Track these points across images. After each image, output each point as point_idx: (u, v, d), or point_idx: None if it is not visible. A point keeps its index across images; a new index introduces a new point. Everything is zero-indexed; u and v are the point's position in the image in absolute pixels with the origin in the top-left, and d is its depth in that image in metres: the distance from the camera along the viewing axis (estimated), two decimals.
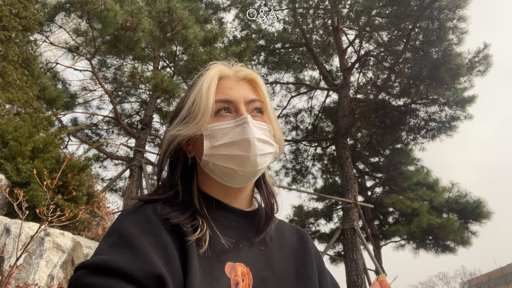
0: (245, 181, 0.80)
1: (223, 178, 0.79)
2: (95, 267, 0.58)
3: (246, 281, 0.73)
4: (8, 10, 5.38)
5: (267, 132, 0.80)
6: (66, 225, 3.72)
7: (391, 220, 12.32)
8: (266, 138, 0.78)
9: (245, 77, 0.85)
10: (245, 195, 0.85)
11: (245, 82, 0.85)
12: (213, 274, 0.69)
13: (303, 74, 13.18)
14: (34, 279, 2.84)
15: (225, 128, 0.77)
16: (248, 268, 0.75)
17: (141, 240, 0.63)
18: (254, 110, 0.82)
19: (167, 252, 0.64)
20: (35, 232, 2.07)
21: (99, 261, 0.58)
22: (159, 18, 7.33)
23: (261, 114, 0.82)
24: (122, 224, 0.68)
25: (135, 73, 7.67)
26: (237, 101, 0.80)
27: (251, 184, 0.85)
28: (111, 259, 0.58)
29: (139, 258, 0.59)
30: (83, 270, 0.58)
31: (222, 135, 0.77)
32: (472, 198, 10.30)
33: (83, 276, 0.58)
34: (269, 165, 0.94)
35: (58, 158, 3.85)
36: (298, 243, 0.89)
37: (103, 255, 0.61)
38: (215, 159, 0.77)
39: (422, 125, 11.29)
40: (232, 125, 0.77)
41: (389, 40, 10.09)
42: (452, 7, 8.57)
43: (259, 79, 0.86)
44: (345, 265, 8.82)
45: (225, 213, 0.80)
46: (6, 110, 5.15)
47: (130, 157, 9.44)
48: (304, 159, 13.48)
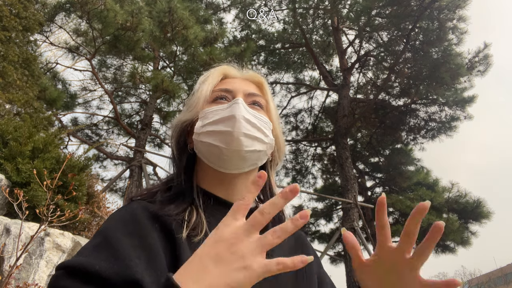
0: (233, 164, 0.78)
1: (210, 159, 0.79)
2: (73, 269, 0.58)
3: None
4: (8, 10, 5.38)
5: (261, 121, 0.80)
6: (66, 225, 3.72)
7: (391, 220, 12.31)
8: (257, 123, 0.78)
9: (249, 77, 0.87)
10: (241, 190, 0.84)
11: (250, 82, 0.87)
12: None
13: (303, 74, 13.19)
14: (34, 279, 2.84)
15: (218, 110, 0.79)
16: None
17: (124, 243, 0.62)
18: (253, 103, 0.83)
19: (153, 254, 0.63)
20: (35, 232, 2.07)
21: (77, 263, 0.58)
22: (160, 18, 7.33)
23: (260, 108, 0.83)
24: (108, 225, 0.68)
25: (135, 73, 7.68)
26: (236, 91, 0.82)
27: (248, 178, 0.83)
28: (89, 262, 0.58)
29: (117, 262, 0.58)
30: (61, 271, 0.59)
31: (213, 115, 0.79)
32: (472, 198, 10.31)
33: (60, 277, 0.58)
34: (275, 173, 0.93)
35: (58, 158, 3.85)
36: (295, 242, 0.88)
37: (83, 256, 0.61)
38: (202, 137, 0.78)
39: (422, 125, 11.29)
40: (224, 106, 0.79)
41: (389, 40, 10.09)
42: (452, 7, 8.57)
43: (264, 81, 0.88)
44: (345, 265, 8.83)
45: (224, 209, 0.80)
46: (6, 110, 5.15)
47: (130, 157, 9.45)
48: (304, 159, 13.48)
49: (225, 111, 0.78)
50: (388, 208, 11.69)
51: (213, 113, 0.79)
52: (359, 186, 11.87)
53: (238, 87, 0.83)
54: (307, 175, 13.43)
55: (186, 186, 0.80)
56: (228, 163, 0.79)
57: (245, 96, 0.82)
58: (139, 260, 0.60)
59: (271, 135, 0.82)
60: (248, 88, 0.84)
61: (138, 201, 0.75)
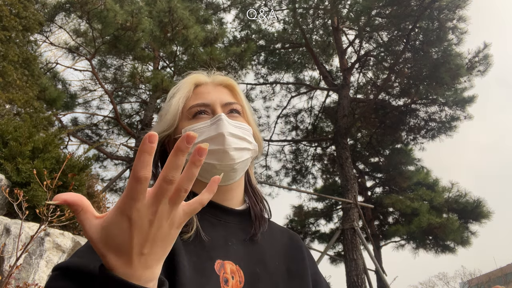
0: (226, 177, 0.81)
1: (202, 175, 0.81)
2: (68, 270, 0.60)
3: (237, 278, 0.74)
4: (8, 10, 5.38)
5: (243, 130, 0.83)
6: (66, 225, 3.72)
7: (391, 220, 12.32)
8: (241, 134, 0.81)
9: (221, 82, 0.89)
10: (235, 194, 0.86)
11: (223, 87, 0.89)
12: (204, 270, 0.70)
13: (303, 74, 13.19)
14: (34, 279, 2.84)
15: (202, 127, 0.80)
16: (238, 266, 0.75)
17: None
18: (231, 112, 0.85)
19: None
20: (35, 232, 2.06)
21: (71, 264, 0.60)
22: (160, 18, 7.33)
23: (238, 114, 0.86)
24: None
25: (135, 73, 7.67)
26: (213, 103, 0.84)
27: (240, 183, 0.87)
28: (83, 263, 0.60)
29: None
30: (57, 272, 0.61)
31: (199, 134, 0.79)
32: (472, 198, 10.31)
33: (56, 278, 0.60)
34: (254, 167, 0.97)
35: (58, 158, 3.85)
36: (289, 241, 0.90)
37: (79, 257, 0.63)
38: None
39: (422, 125, 11.29)
40: (208, 124, 0.81)
41: (389, 40, 10.09)
42: (452, 7, 8.57)
43: (235, 84, 0.91)
44: (345, 265, 8.82)
45: (215, 211, 0.81)
46: (6, 110, 5.15)
47: (130, 157, 9.45)
48: (304, 159, 13.48)
49: (210, 129, 0.80)
50: (388, 208, 11.69)
51: (197, 131, 0.79)
52: (359, 186, 11.87)
53: (214, 98, 0.85)
54: (307, 175, 13.43)
55: None
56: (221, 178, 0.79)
57: (222, 107, 0.84)
58: None
59: (253, 140, 0.85)
60: (222, 97, 0.86)
61: None
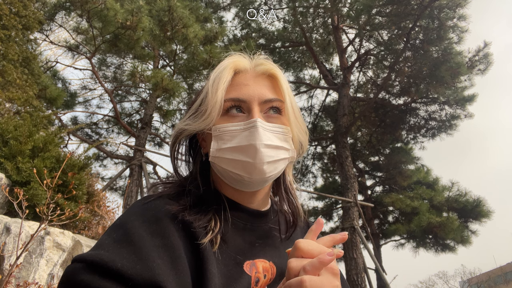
0: (255, 187, 0.76)
1: (231, 182, 0.77)
2: (93, 264, 0.55)
3: (269, 276, 0.72)
4: (8, 9, 5.38)
5: (280, 135, 0.74)
6: (66, 224, 3.72)
7: (391, 219, 12.33)
8: (277, 143, 0.73)
9: (264, 72, 0.78)
10: (261, 197, 0.81)
11: (264, 78, 0.78)
12: (232, 276, 0.68)
13: (303, 73, 13.19)
14: (34, 278, 2.84)
15: (234, 131, 0.72)
16: (271, 262, 0.74)
17: (146, 241, 0.60)
18: (270, 110, 0.76)
19: (175, 255, 0.62)
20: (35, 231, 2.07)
21: (98, 258, 0.55)
22: (160, 17, 7.32)
23: (278, 114, 0.76)
24: (130, 220, 0.65)
25: (135, 72, 7.66)
26: (250, 100, 0.74)
27: (267, 186, 0.81)
28: (111, 259, 0.55)
29: (140, 262, 0.56)
30: (81, 264, 0.56)
31: (230, 137, 0.72)
32: (472, 197, 10.31)
33: (80, 271, 0.55)
34: (292, 168, 0.89)
35: (58, 157, 3.85)
36: (302, 235, 0.88)
37: (104, 250, 0.58)
38: (221, 163, 0.74)
39: (422, 124, 11.29)
40: (241, 127, 0.72)
41: (389, 39, 10.08)
42: (452, 6, 8.56)
43: (280, 75, 0.79)
44: (345, 264, 8.83)
45: (240, 214, 0.77)
46: (6, 109, 5.15)
47: (130, 156, 9.44)
48: (304, 158, 13.47)
49: (242, 136, 0.72)
50: (388, 207, 11.70)
51: (229, 134, 0.73)
52: (359, 185, 11.86)
53: (252, 93, 0.74)
54: (307, 174, 13.44)
55: (204, 191, 0.77)
56: (250, 187, 0.76)
57: (260, 104, 0.74)
58: (161, 260, 0.58)
59: (292, 145, 0.77)
60: (262, 92, 0.75)
61: (158, 198, 0.73)
